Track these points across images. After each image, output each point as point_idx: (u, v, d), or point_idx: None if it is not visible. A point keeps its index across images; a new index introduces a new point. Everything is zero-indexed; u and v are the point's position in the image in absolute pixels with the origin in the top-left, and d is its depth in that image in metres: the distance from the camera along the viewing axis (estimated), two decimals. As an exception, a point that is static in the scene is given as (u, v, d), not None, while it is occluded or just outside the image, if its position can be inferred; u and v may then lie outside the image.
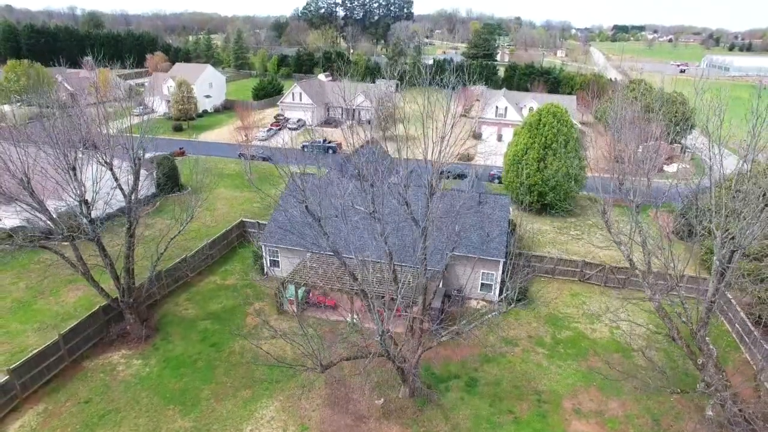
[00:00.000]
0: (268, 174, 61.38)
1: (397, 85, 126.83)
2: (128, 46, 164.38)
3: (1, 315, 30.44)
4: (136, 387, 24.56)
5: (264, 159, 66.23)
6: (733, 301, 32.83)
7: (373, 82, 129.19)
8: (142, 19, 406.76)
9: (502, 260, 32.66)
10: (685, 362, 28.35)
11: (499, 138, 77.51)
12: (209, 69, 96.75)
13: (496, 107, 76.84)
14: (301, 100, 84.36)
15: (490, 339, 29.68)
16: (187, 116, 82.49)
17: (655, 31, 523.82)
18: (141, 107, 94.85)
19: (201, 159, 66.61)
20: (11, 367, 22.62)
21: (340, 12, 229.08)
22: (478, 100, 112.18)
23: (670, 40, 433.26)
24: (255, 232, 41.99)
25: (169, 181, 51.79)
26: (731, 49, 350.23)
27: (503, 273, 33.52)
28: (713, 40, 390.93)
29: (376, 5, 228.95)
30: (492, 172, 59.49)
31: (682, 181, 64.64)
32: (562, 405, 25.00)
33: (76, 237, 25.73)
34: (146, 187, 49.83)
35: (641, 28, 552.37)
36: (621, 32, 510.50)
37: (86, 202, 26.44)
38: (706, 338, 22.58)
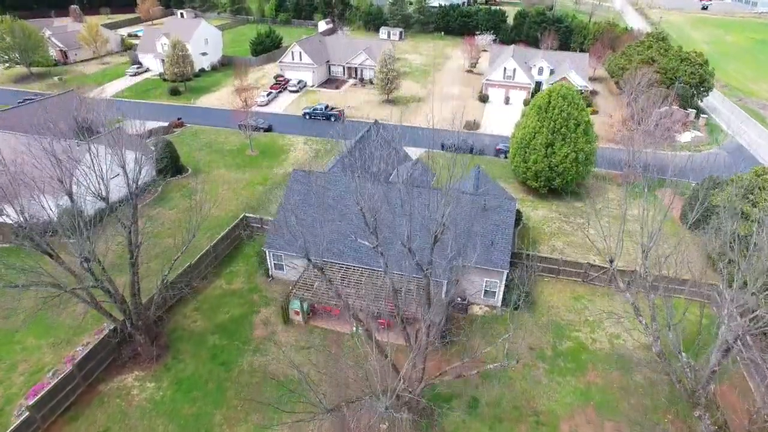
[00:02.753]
0: (270, 146, 60.37)
1: (400, 33, 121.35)
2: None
3: (17, 329, 31.18)
4: (152, 413, 25.63)
5: (266, 129, 64.75)
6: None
7: (377, 30, 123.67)
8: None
9: (505, 271, 32.62)
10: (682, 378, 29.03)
11: (507, 101, 74.89)
12: (203, 24, 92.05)
13: (504, 68, 73.53)
14: (301, 59, 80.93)
15: (491, 352, 30.29)
16: (183, 78, 79.66)
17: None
18: (135, 66, 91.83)
19: (200, 131, 65.20)
20: (31, 404, 23.52)
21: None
22: (485, 50, 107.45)
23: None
24: (258, 227, 41.79)
25: (169, 165, 50.92)
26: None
27: (507, 281, 33.69)
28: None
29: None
30: (498, 146, 58.05)
31: (695, 151, 63.51)
32: (560, 428, 25.98)
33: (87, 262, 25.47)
34: (146, 172, 49.12)
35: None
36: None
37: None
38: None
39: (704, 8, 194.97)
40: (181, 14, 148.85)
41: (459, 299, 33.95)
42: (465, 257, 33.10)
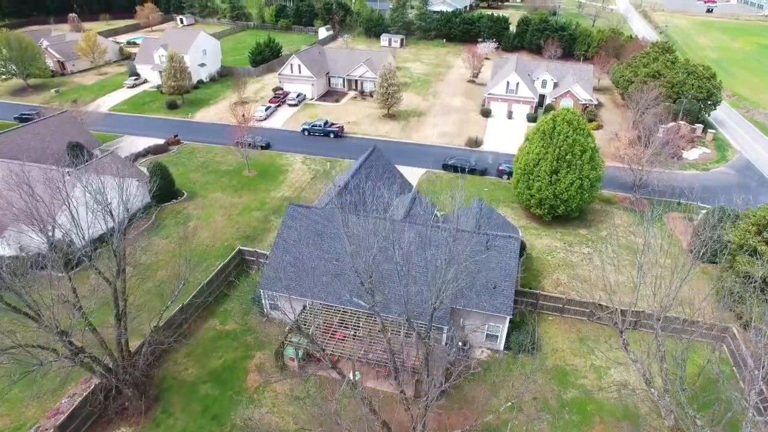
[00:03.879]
0: (267, 166, 59.14)
1: (402, 40, 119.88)
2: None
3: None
4: (138, 479, 24.54)
5: (263, 147, 63.51)
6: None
7: (378, 37, 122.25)
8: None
9: (508, 317, 31.34)
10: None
11: (510, 115, 73.46)
12: (202, 35, 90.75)
13: (507, 82, 72.07)
14: (300, 72, 79.62)
15: (493, 402, 29.05)
16: (181, 91, 78.44)
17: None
18: (133, 77, 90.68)
19: (197, 149, 64.03)
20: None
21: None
22: (487, 58, 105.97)
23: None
24: (253, 260, 40.58)
25: (163, 190, 49.71)
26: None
27: (510, 326, 32.41)
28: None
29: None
30: (501, 167, 56.64)
31: (702, 169, 61.95)
32: (566, 492, 24.77)
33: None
34: (140, 197, 47.98)
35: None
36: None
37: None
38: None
39: (709, 11, 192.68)
40: (181, 20, 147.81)
41: (460, 343, 32.70)
42: (467, 302, 31.93)
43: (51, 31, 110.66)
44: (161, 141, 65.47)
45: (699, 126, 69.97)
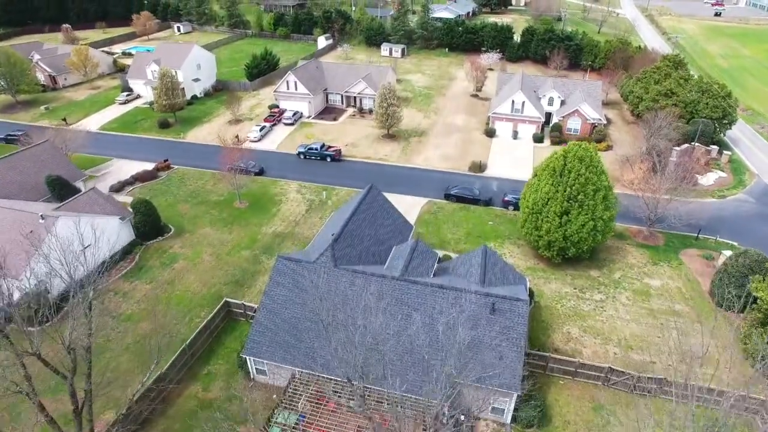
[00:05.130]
0: (260, 195, 56.23)
1: (403, 50, 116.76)
2: (113, 1, 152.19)
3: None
4: None
5: (257, 173, 60.62)
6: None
7: (379, 46, 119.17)
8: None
9: (516, 393, 28.31)
10: None
11: (515, 135, 70.35)
12: (196, 49, 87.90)
13: (512, 101, 68.93)
14: (296, 89, 76.67)
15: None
16: (173, 109, 75.60)
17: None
18: (125, 93, 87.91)
19: (187, 174, 61.20)
20: None
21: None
22: (491, 69, 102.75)
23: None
24: (240, 312, 37.67)
25: (149, 226, 46.90)
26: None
27: (518, 398, 29.41)
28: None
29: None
30: (506, 198, 53.53)
31: (719, 197, 58.65)
32: None
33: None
34: (123, 236, 45.27)
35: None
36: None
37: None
38: None
39: (717, 14, 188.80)
40: (178, 28, 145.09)
41: (462, 417, 29.72)
42: (467, 374, 28.91)
43: (43, 43, 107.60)
44: (151, 165, 62.72)
45: (714, 147, 66.78)
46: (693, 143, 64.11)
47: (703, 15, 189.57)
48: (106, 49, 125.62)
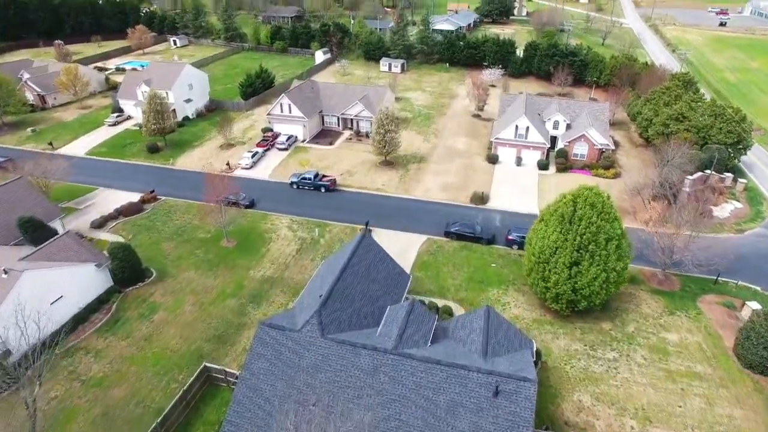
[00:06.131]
0: (249, 233, 53.07)
1: (402, 65, 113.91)
2: (108, 15, 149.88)
3: None
4: None
5: (247, 206, 57.53)
6: None
7: (377, 61, 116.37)
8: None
9: (526, 495, 25.04)
10: None
11: (519, 162, 67.16)
12: (187, 69, 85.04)
13: (516, 126, 65.79)
14: (290, 112, 73.68)
15: None
16: (163, 134, 72.65)
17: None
18: (115, 114, 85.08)
19: (174, 207, 58.14)
20: None
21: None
22: (493, 85, 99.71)
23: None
24: (222, 378, 34.46)
25: (128, 272, 43.78)
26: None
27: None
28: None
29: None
30: (510, 236, 50.25)
31: (737, 231, 55.20)
32: None
33: None
34: (100, 284, 42.18)
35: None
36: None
37: None
38: None
39: (722, 24, 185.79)
40: (174, 41, 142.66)
41: None
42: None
43: (33, 61, 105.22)
44: (137, 196, 59.75)
45: (728, 175, 63.46)
46: (709, 171, 60.83)
47: (708, 25, 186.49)
48: (99, 64, 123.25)
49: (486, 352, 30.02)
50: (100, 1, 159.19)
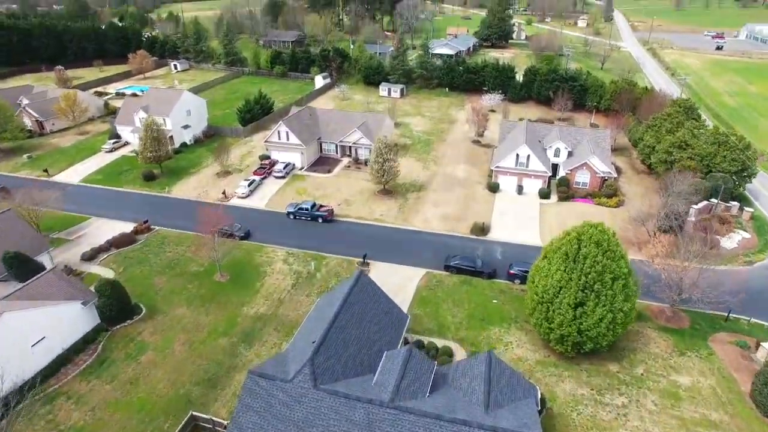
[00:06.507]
0: (243, 266, 51.58)
1: (402, 89, 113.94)
2: (111, 40, 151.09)
3: None
4: None
5: (242, 237, 56.20)
6: None
7: (377, 86, 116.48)
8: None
9: None
10: None
11: (520, 190, 66.01)
12: (185, 95, 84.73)
13: (517, 155, 64.83)
14: (288, 139, 72.93)
15: None
16: (159, 161, 71.71)
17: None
18: (112, 141, 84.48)
19: (168, 237, 56.83)
20: None
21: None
22: (493, 110, 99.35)
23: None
24: (210, 428, 32.65)
25: (116, 309, 42.22)
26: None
27: None
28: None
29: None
30: (512, 270, 48.72)
31: (745, 263, 53.70)
32: None
33: None
34: (86, 323, 40.61)
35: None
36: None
37: None
38: None
39: (719, 48, 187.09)
40: (175, 66, 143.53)
41: None
42: None
43: (33, 87, 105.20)
44: (130, 226, 58.52)
45: (734, 204, 62.22)
46: (716, 201, 59.60)
47: (705, 48, 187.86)
48: (100, 89, 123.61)
49: (488, 403, 28.37)
50: (103, 26, 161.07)
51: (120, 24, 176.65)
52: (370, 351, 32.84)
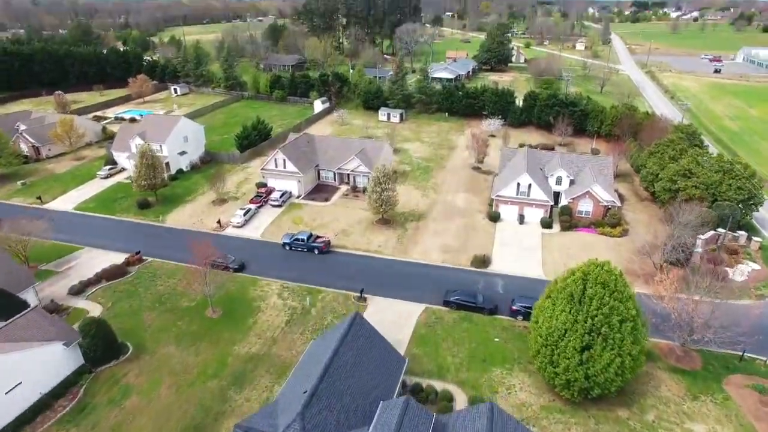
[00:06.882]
0: (236, 300, 49.81)
1: (401, 114, 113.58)
2: (112, 64, 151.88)
3: None
4: None
5: (236, 269, 54.60)
6: None
7: (376, 110, 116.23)
8: (143, 8, 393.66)
9: None
10: None
11: (521, 220, 64.58)
12: (183, 121, 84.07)
13: (518, 184, 63.57)
14: (285, 167, 71.86)
15: None
16: (153, 189, 70.49)
17: (679, 8, 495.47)
18: (108, 167, 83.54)
19: (160, 270, 55.19)
20: None
21: (342, 11, 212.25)
22: (493, 135, 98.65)
23: (695, 20, 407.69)
24: (192, 485, 30.58)
25: (101, 349, 40.37)
26: (766, 30, 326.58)
27: None
28: (744, 19, 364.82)
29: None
30: (514, 306, 46.92)
31: (757, 296, 51.83)
32: None
33: None
34: (68, 365, 38.73)
35: (662, 3, 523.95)
36: (641, 9, 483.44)
37: None
38: None
39: (717, 71, 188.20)
40: (175, 90, 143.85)
41: None
42: None
43: (31, 112, 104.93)
44: (122, 257, 56.99)
45: (742, 233, 60.68)
46: (723, 231, 58.02)
47: (703, 71, 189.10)
48: (99, 113, 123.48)
49: (491, 462, 26.31)
50: (105, 51, 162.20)
51: (122, 48, 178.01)
52: (366, 400, 30.94)
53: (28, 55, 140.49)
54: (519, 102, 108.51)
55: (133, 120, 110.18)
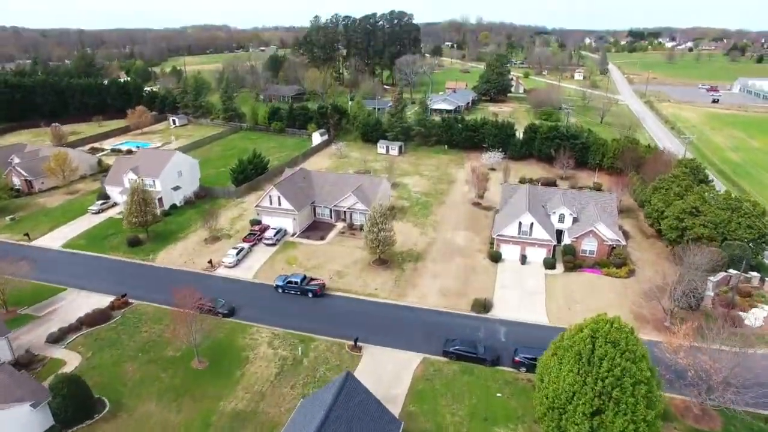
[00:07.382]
0: (224, 350, 47.05)
1: (400, 147, 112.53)
2: (113, 95, 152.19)
3: None
4: None
5: (225, 314, 52.07)
6: None
7: (375, 143, 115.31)
8: (148, 38, 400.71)
9: None
10: None
11: (523, 260, 62.27)
12: (177, 156, 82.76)
13: (520, 223, 61.50)
14: (280, 204, 70.01)
15: None
16: (144, 226, 68.47)
17: (674, 38, 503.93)
18: (100, 202, 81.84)
19: (145, 315, 52.63)
20: None
21: (343, 42, 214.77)
22: (493, 169, 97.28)
23: (690, 50, 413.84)
24: None
25: (75, 408, 37.56)
26: (760, 60, 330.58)
27: None
28: (738, 50, 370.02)
29: (379, 24, 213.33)
30: (517, 357, 44.15)
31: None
32: None
33: None
34: (35, 427, 35.87)
35: (657, 34, 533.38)
36: (637, 39, 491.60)
37: None
38: None
39: (715, 101, 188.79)
40: (174, 121, 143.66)
41: None
42: None
43: (26, 145, 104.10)
44: (108, 300, 54.64)
45: (755, 274, 58.25)
46: (736, 272, 55.52)
47: (701, 101, 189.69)
48: (96, 145, 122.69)
49: None
50: (106, 82, 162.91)
51: (124, 78, 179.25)
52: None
53: (30, 86, 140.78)
54: (519, 134, 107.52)
55: (129, 153, 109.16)
